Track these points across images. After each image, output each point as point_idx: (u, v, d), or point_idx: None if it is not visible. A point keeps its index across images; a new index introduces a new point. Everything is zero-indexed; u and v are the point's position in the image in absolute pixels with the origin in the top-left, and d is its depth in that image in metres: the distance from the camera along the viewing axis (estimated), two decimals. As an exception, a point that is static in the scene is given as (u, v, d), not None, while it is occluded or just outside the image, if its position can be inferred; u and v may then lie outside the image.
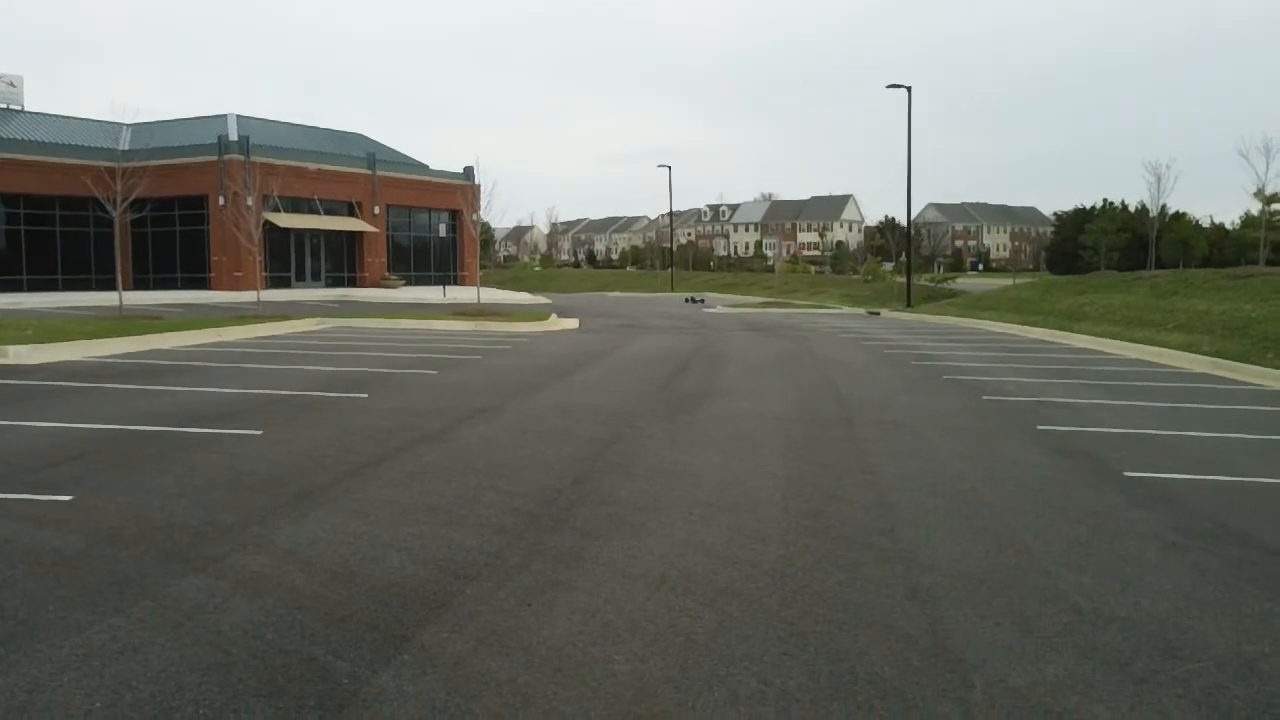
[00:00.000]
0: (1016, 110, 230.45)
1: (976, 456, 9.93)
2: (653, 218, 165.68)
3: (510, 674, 4.33)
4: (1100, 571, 6.05)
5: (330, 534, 6.50)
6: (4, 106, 50.85)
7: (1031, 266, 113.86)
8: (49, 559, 5.87)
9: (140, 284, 45.32)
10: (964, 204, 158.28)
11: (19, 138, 46.97)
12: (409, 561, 5.93)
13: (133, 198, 29.11)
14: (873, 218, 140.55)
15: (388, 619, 4.95)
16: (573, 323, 32.07)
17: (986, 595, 5.54)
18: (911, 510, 7.55)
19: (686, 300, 29.11)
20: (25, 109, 52.45)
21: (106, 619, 4.87)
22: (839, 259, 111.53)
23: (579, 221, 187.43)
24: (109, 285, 41.30)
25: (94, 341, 19.30)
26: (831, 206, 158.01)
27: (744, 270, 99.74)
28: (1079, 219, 75.69)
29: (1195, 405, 13.92)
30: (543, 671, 4.37)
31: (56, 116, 54.21)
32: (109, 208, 28.63)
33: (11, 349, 17.10)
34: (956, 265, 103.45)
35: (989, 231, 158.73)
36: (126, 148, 49.71)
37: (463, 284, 56.09)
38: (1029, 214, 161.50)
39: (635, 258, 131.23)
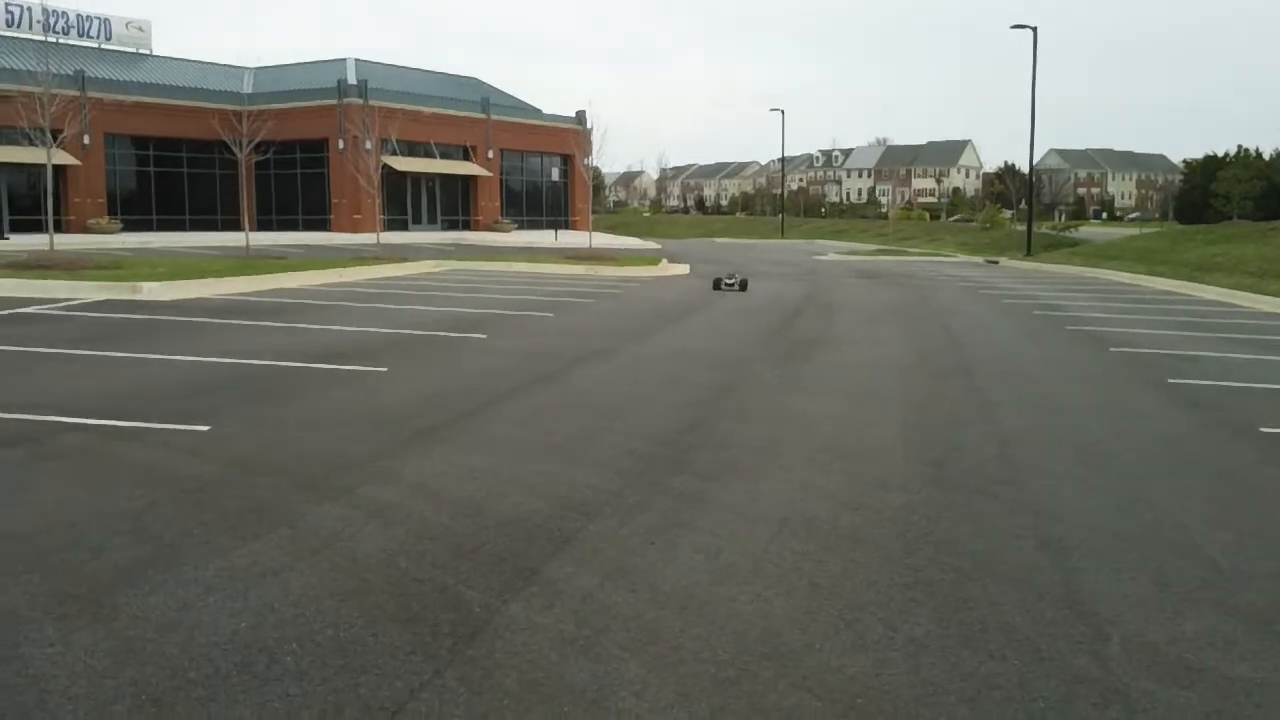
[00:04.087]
0: (1145, 56, 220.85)
1: (1104, 408, 9.65)
2: (763, 163, 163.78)
3: (636, 609, 4.38)
4: (1239, 529, 5.84)
5: (454, 469, 6.63)
6: (133, 51, 52.39)
7: (1158, 215, 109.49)
8: (190, 486, 6.11)
9: (263, 225, 46.61)
10: (1088, 150, 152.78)
11: (148, 81, 48.41)
12: (532, 497, 6.02)
13: (257, 140, 29.80)
14: (991, 164, 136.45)
15: (514, 552, 5.04)
16: (683, 268, 31.99)
17: (1119, 549, 5.40)
18: (1037, 461, 7.39)
19: (716, 284, 23.17)
20: (153, 53, 53.99)
21: (247, 544, 5.06)
22: (956, 206, 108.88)
23: (688, 167, 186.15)
24: (234, 226, 42.57)
25: (223, 280, 19.93)
26: (948, 152, 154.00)
27: (856, 217, 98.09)
28: (1210, 167, 72.32)
29: (1338, 361, 13.28)
30: (668, 608, 4.41)
31: (183, 60, 55.76)
32: (235, 150, 29.38)
33: (145, 285, 17.77)
34: (1079, 214, 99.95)
35: (1113, 179, 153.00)
36: (250, 91, 50.93)
37: (573, 229, 56.36)
38: (1156, 161, 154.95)
39: (745, 204, 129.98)
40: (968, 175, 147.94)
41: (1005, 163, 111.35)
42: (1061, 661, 3.98)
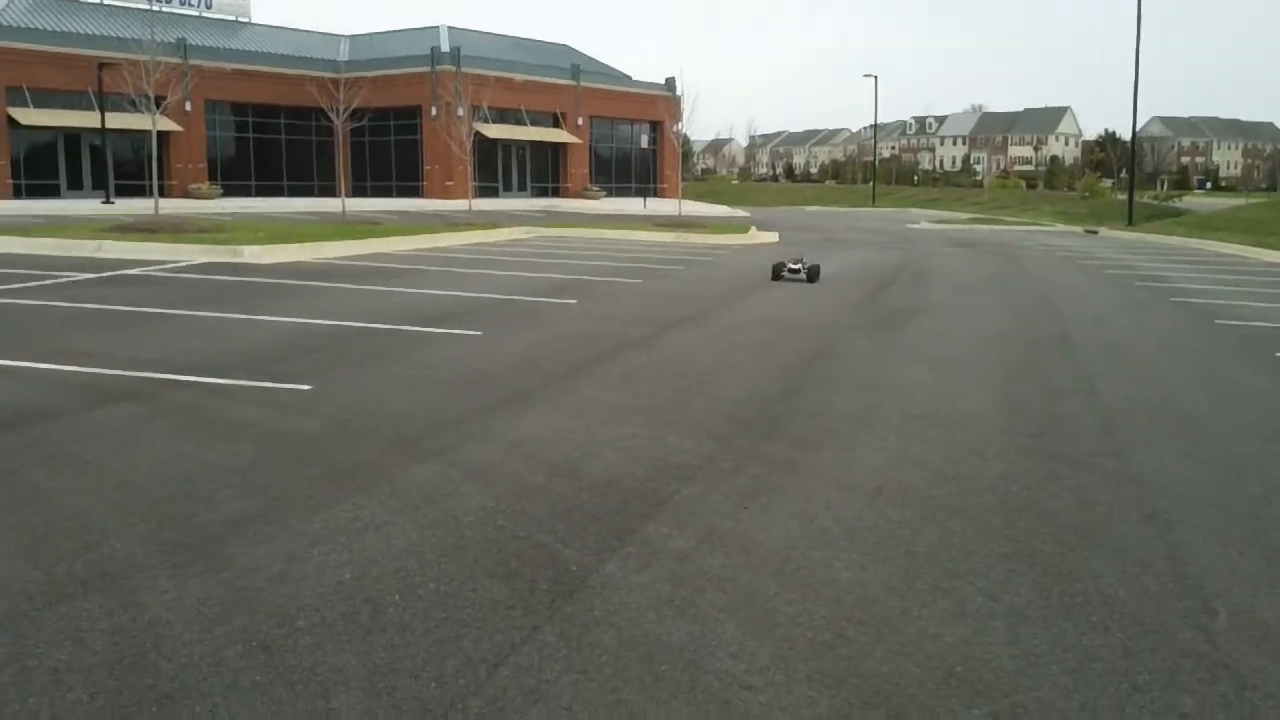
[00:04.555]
0: (1252, 20, 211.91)
1: (1209, 381, 9.37)
2: (854, 130, 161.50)
3: (732, 572, 4.39)
4: (1356, 506, 5.63)
5: (549, 430, 6.69)
6: (233, 19, 53.43)
7: (1265, 185, 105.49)
8: (294, 442, 6.27)
9: (358, 191, 47.40)
10: (1192, 118, 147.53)
11: (247, 49, 49.38)
12: (626, 460, 6.05)
13: (352, 108, 30.25)
14: (1091, 131, 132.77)
15: (610, 513, 5.08)
16: (772, 236, 31.76)
17: (1226, 523, 5.25)
18: (1140, 433, 7.21)
19: (777, 272, 17.47)
20: (252, 21, 55.00)
21: (350, 499, 5.18)
22: (1053, 174, 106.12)
23: (778, 134, 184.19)
24: (329, 192, 43.34)
25: (320, 244, 20.33)
26: (1046, 119, 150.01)
27: (950, 185, 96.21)
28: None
29: None
30: (763, 572, 4.41)
31: (281, 28, 56.74)
32: (332, 117, 29.86)
33: (246, 249, 18.21)
34: (1182, 183, 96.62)
35: (1218, 148, 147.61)
36: (346, 59, 51.66)
37: (662, 196, 56.25)
38: (1264, 130, 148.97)
39: (835, 172, 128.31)
40: (1066, 143, 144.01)
41: (1105, 130, 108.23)
42: (1167, 635, 3.90)
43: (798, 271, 17.39)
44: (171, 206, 32.51)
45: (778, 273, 17.50)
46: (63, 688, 3.26)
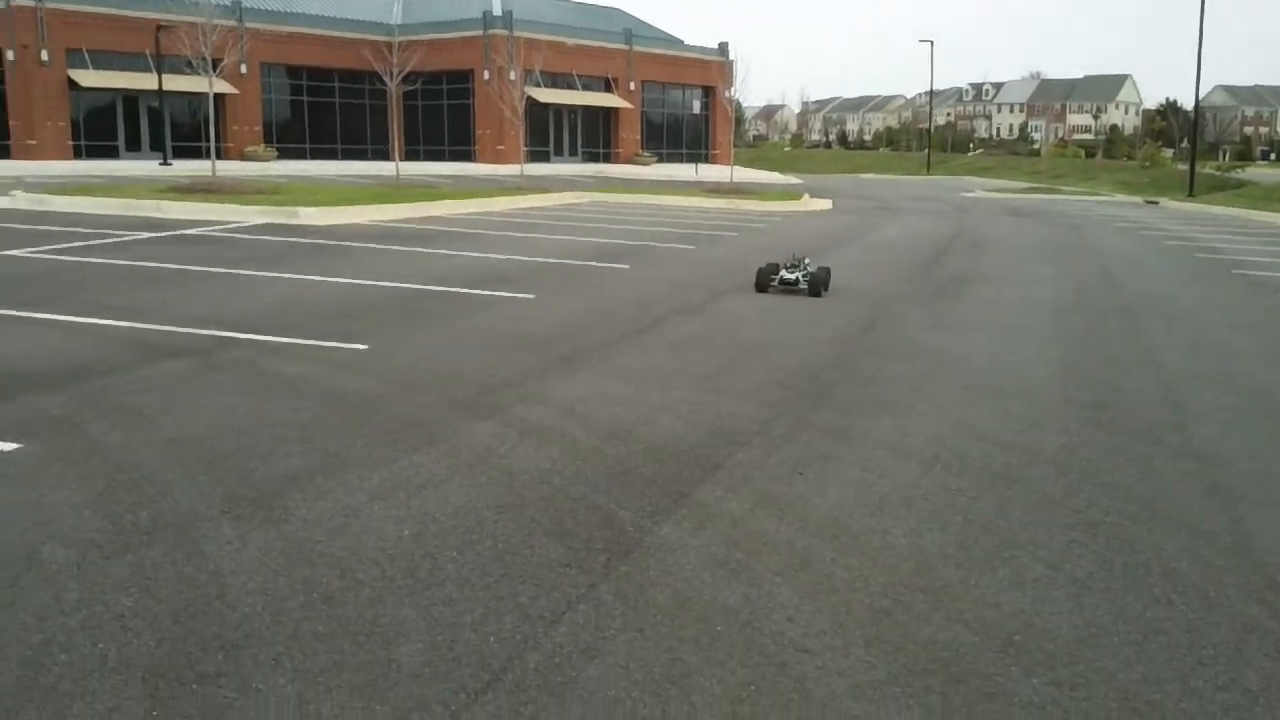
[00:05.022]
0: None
1: (1273, 356, 9.17)
2: (909, 97, 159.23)
3: (787, 537, 4.37)
4: None
5: (602, 394, 6.70)
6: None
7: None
8: (351, 400, 6.33)
9: (410, 155, 47.53)
10: (1256, 87, 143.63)
11: (302, 12, 49.56)
12: (679, 424, 6.04)
13: (405, 71, 30.30)
14: (1151, 100, 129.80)
15: (664, 476, 5.08)
16: (825, 203, 31.48)
17: (1294, 499, 5.15)
18: (1204, 407, 7.08)
19: (764, 280, 11.56)
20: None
21: (407, 456, 5.22)
22: (1113, 143, 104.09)
23: (831, 100, 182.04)
24: (382, 155, 43.60)
25: (375, 207, 20.45)
26: (1106, 86, 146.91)
27: (1006, 153, 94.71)
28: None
29: None
30: (819, 537, 4.39)
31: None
32: (386, 80, 29.94)
33: (303, 211, 18.36)
34: (1245, 154, 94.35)
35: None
36: (399, 22, 51.71)
37: (714, 163, 55.92)
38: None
39: (889, 139, 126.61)
40: (1126, 111, 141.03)
41: (1167, 99, 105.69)
42: (1231, 609, 3.83)
43: (793, 280, 11.49)
44: (228, 168, 32.80)
45: (764, 281, 11.59)
46: (130, 633, 3.33)
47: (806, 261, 11.88)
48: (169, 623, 3.41)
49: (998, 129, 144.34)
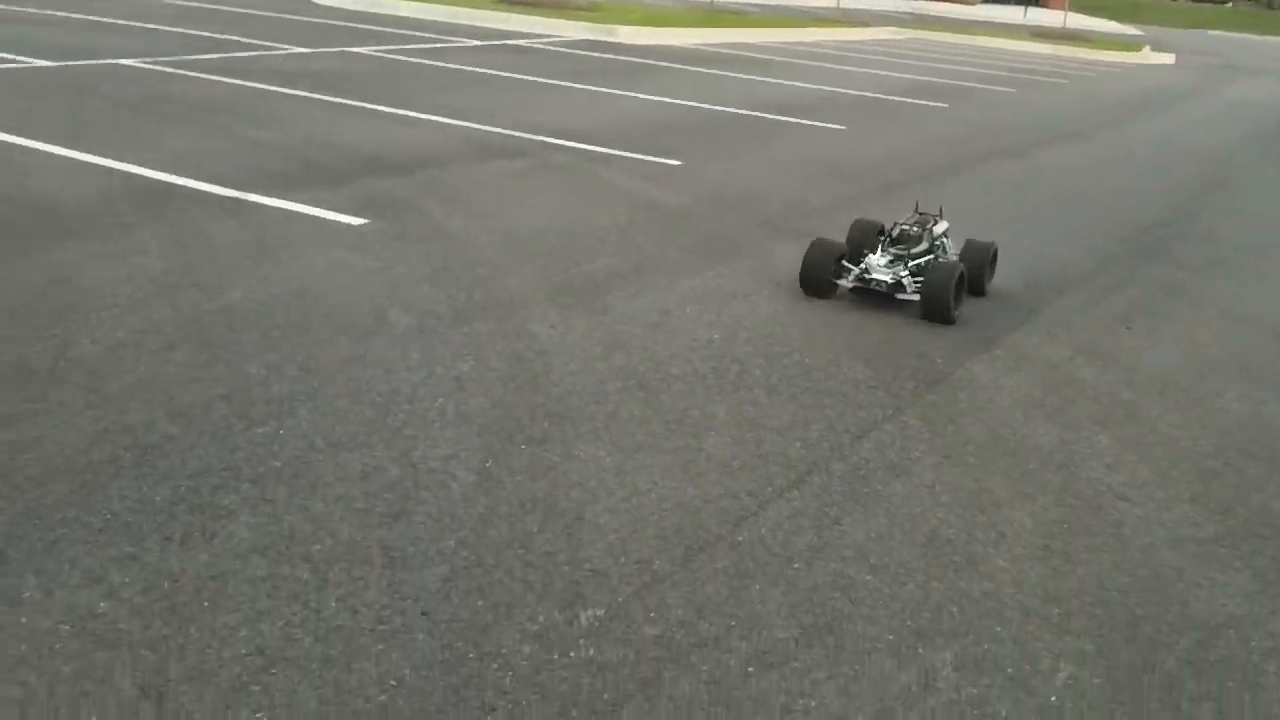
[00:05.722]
0: None
1: None
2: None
3: (1110, 387, 4.16)
4: None
5: (916, 228, 6.50)
6: None
7: None
8: (665, 210, 6.45)
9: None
10: None
11: None
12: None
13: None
14: None
15: (977, 319, 4.91)
16: (1167, 57, 28.68)
17: None
18: None
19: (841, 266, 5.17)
20: None
21: (716, 268, 5.29)
22: None
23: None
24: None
25: (689, 30, 20.33)
26: None
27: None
28: None
29: None
30: (1145, 391, 4.15)
31: None
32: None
33: (620, 29, 18.49)
34: None
35: None
36: None
37: (1045, 6, 51.75)
38: None
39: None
40: None
41: None
42: None
43: (887, 282, 4.93)
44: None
45: (818, 279, 5.00)
46: (466, 394, 3.59)
47: (938, 229, 5.29)
48: (500, 389, 3.65)
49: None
